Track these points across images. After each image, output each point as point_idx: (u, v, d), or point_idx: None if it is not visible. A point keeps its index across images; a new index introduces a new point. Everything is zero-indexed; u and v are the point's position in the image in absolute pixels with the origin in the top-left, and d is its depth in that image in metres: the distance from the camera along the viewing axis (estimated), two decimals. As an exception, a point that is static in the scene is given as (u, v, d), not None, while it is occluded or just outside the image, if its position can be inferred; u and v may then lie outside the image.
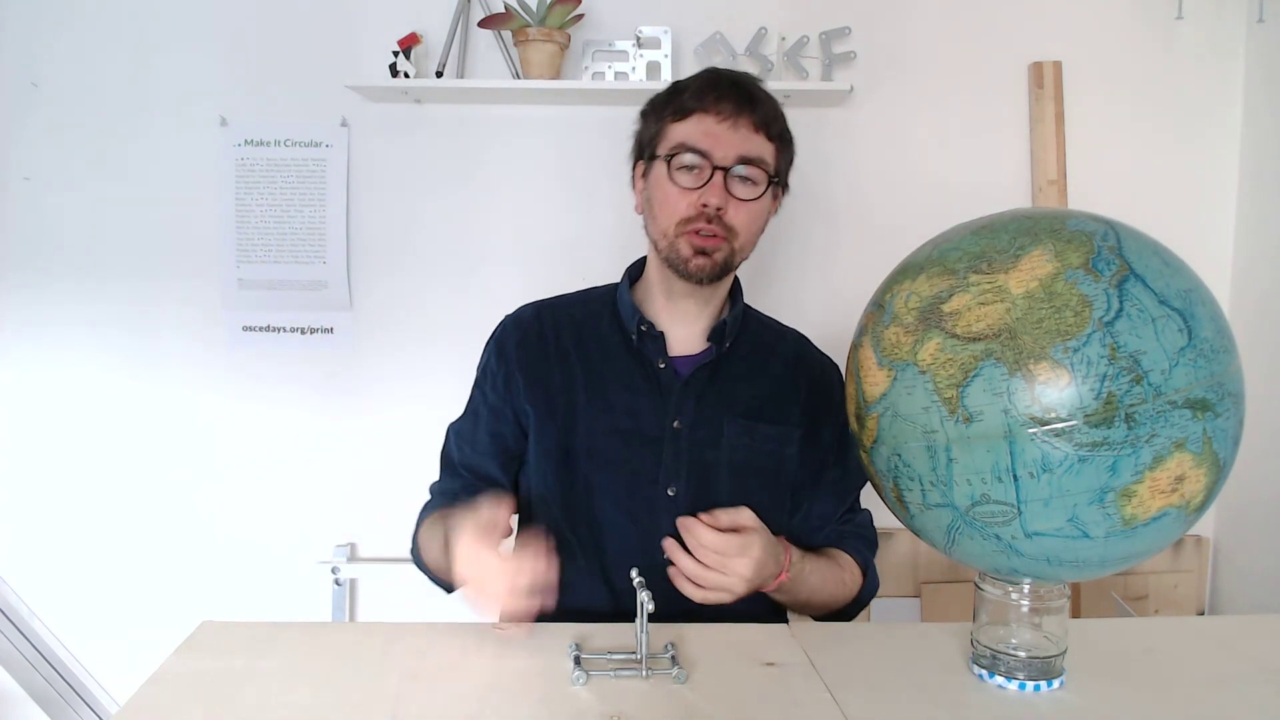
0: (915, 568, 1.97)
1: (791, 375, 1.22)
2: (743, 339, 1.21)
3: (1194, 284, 0.79)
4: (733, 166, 1.09)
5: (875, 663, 0.93)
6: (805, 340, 1.29)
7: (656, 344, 1.17)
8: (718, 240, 1.10)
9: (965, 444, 0.76)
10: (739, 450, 1.16)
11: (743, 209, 1.11)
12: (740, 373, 1.19)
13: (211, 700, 0.83)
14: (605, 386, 1.17)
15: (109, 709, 2.01)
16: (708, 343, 1.18)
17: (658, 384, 1.16)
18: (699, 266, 1.11)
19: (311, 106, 1.91)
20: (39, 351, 1.96)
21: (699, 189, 1.09)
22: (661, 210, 1.13)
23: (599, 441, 1.15)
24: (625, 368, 1.17)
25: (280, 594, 1.99)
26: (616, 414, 1.15)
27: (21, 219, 1.93)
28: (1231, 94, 1.94)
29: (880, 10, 1.90)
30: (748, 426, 1.16)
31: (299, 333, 1.96)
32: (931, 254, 0.85)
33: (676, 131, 1.11)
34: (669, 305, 1.18)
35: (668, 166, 1.11)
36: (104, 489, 1.98)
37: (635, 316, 1.17)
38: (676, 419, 1.15)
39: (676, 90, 1.14)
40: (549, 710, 0.82)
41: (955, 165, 1.93)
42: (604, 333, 1.20)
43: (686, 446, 1.14)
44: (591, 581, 1.14)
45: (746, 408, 1.17)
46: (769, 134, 1.11)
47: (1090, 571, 0.81)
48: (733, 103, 1.09)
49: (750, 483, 1.15)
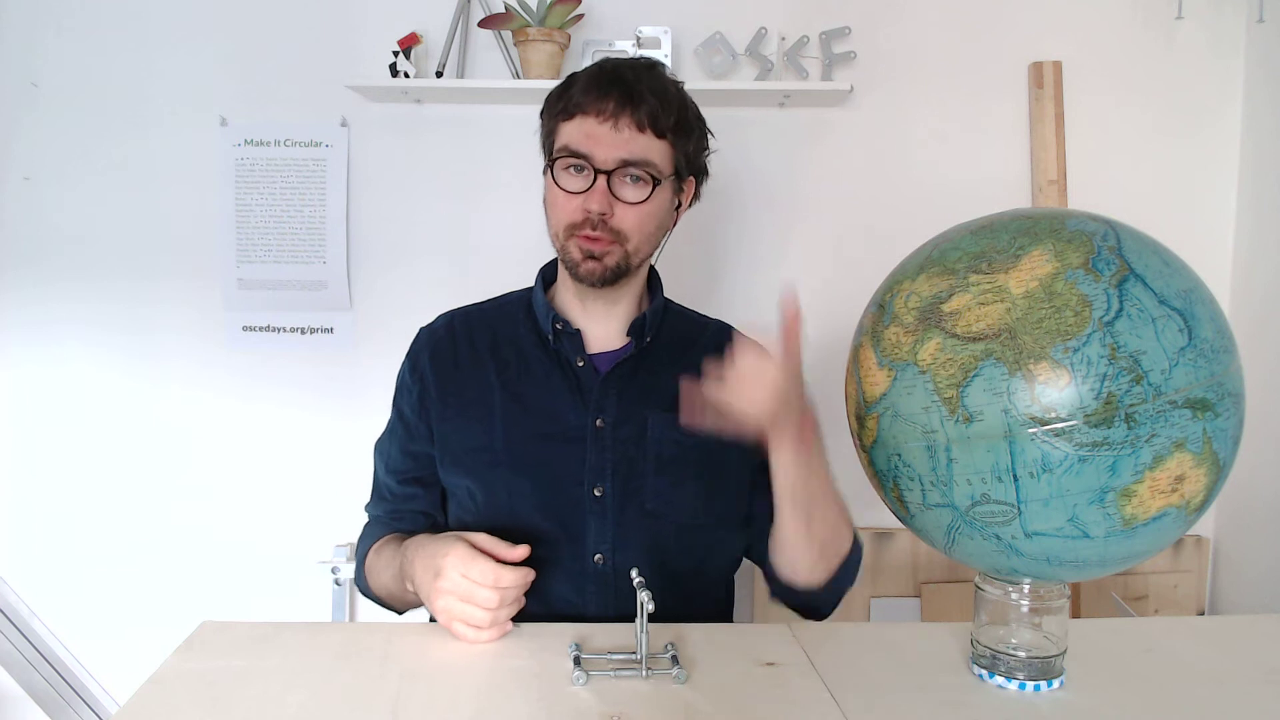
0: (915, 568, 1.97)
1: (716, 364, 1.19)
2: (663, 332, 1.18)
3: (1194, 284, 0.79)
4: (615, 170, 1.05)
5: (875, 663, 0.93)
6: (729, 329, 1.25)
7: (573, 342, 1.14)
8: (605, 244, 1.07)
9: (965, 444, 0.76)
10: (665, 444, 1.11)
11: (631, 211, 1.07)
12: (662, 366, 1.15)
13: (211, 700, 0.83)
14: (522, 390, 1.13)
15: (109, 709, 2.01)
16: (627, 337, 1.15)
17: (577, 382, 1.13)
18: (589, 271, 1.08)
19: (311, 106, 1.91)
20: (39, 351, 1.96)
21: (583, 193, 1.06)
22: (552, 213, 1.11)
23: (519, 446, 1.11)
24: (543, 369, 1.14)
25: (280, 594, 1.99)
26: (535, 417, 1.12)
27: (21, 219, 1.93)
28: (1231, 94, 1.94)
29: (880, 10, 1.90)
30: (673, 419, 1.09)
31: (299, 333, 1.96)
32: (931, 254, 0.85)
33: (563, 133, 1.08)
34: (580, 304, 1.16)
35: (553, 170, 1.08)
36: (104, 489, 1.98)
37: (550, 315, 1.14)
38: (599, 417, 1.11)
39: (568, 85, 1.10)
40: (549, 710, 0.82)
41: (955, 165, 1.93)
42: (519, 336, 1.17)
43: (610, 444, 1.11)
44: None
45: (671, 401, 1.10)
46: (656, 130, 1.06)
47: (1090, 571, 0.81)
48: (615, 100, 1.05)
49: (679, 475, 1.11)
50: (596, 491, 1.10)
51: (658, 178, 1.08)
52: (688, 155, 1.12)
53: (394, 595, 1.12)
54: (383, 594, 1.15)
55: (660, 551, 1.10)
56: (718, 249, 1.96)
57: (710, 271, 1.95)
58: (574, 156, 1.06)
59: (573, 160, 1.07)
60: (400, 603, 1.16)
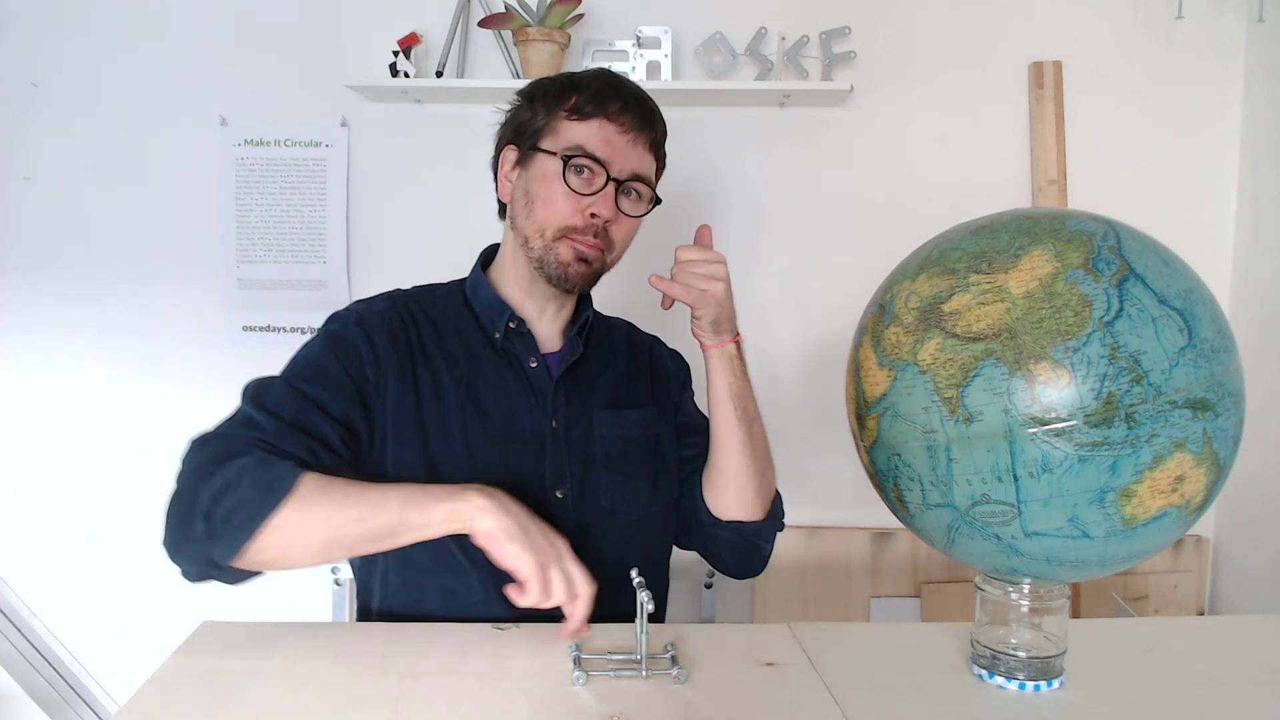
0: (915, 568, 1.97)
1: (633, 359, 1.23)
2: (592, 333, 1.21)
3: (1194, 284, 0.79)
4: (626, 181, 1.08)
5: (875, 663, 0.93)
6: (630, 325, 1.31)
7: (526, 343, 1.12)
8: (597, 250, 1.08)
9: (965, 444, 0.76)
10: (610, 441, 1.14)
11: (625, 224, 1.10)
12: (595, 366, 1.18)
13: (211, 700, 0.83)
14: (476, 389, 1.09)
15: (109, 709, 2.01)
16: (567, 338, 1.17)
17: (530, 384, 1.11)
18: (577, 274, 1.08)
19: (311, 106, 1.91)
20: (39, 351, 1.96)
21: (589, 196, 1.06)
22: (545, 209, 1.07)
23: (478, 448, 1.07)
24: (494, 368, 1.11)
25: (280, 594, 1.98)
26: (492, 418, 1.09)
27: (21, 219, 1.93)
28: (1231, 94, 1.94)
29: (880, 10, 1.90)
30: (615, 415, 1.15)
31: (299, 333, 1.96)
32: (931, 254, 0.85)
33: (574, 132, 1.07)
34: (529, 302, 1.14)
35: (563, 166, 1.06)
36: (104, 489, 1.98)
37: (505, 314, 1.12)
38: (554, 419, 1.11)
39: (572, 86, 1.09)
40: (549, 710, 0.82)
41: (955, 165, 1.93)
42: (463, 330, 1.13)
43: (565, 446, 1.11)
44: (487, 597, 1.04)
45: (610, 398, 1.17)
46: (655, 154, 1.12)
47: (1090, 571, 0.81)
48: (636, 117, 1.08)
49: (625, 470, 1.13)
50: (559, 494, 1.10)
51: (656, 197, 1.13)
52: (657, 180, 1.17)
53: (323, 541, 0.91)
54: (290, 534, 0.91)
55: (620, 549, 1.11)
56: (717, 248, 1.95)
57: (710, 271, 1.95)
58: (591, 159, 1.06)
59: (587, 163, 1.06)
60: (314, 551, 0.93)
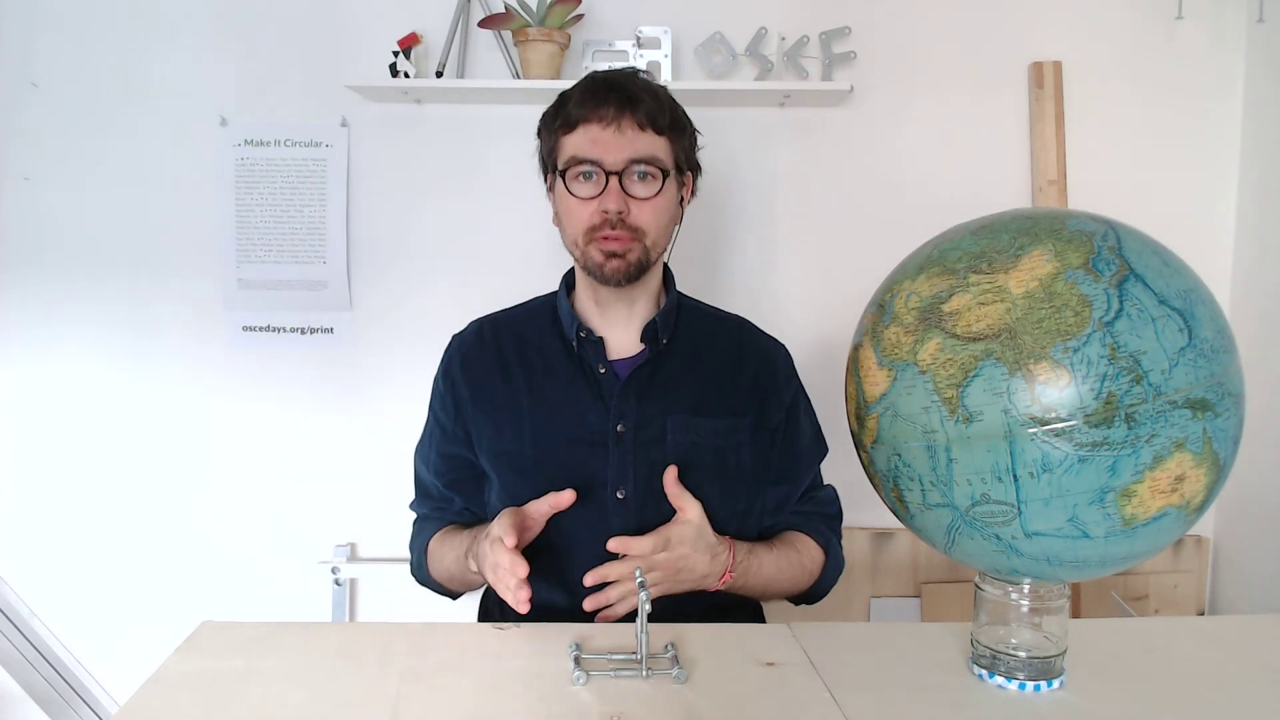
0: (915, 568, 1.97)
1: (733, 363, 1.23)
2: (679, 333, 1.22)
3: (1194, 284, 0.79)
4: (625, 169, 1.10)
5: (875, 663, 0.93)
6: (747, 325, 1.30)
7: (595, 349, 1.19)
8: (625, 242, 1.12)
9: (965, 444, 0.76)
10: (682, 446, 1.16)
11: (645, 207, 1.12)
12: (679, 368, 1.20)
13: (211, 700, 0.83)
14: (549, 395, 1.19)
15: (109, 709, 2.01)
16: (641, 343, 1.20)
17: (599, 389, 1.17)
18: (615, 269, 1.12)
19: (311, 106, 1.91)
20: (39, 351, 1.96)
21: (597, 196, 1.11)
22: (569, 222, 1.15)
23: (547, 449, 1.17)
24: (568, 375, 1.19)
25: (280, 594, 1.99)
26: (562, 421, 1.17)
27: (21, 219, 1.93)
28: (1231, 94, 1.94)
29: (880, 10, 1.90)
30: (691, 422, 1.17)
31: (299, 333, 1.96)
32: (931, 254, 0.85)
33: (568, 144, 1.13)
34: (600, 310, 1.21)
35: (564, 180, 1.13)
36: (104, 489, 1.98)
37: (574, 324, 1.19)
38: (619, 422, 1.16)
39: (562, 102, 1.15)
40: (549, 710, 0.82)
41: (955, 165, 1.93)
42: (546, 342, 1.22)
43: (631, 449, 1.15)
44: (551, 586, 1.13)
45: (689, 403, 1.18)
46: (656, 128, 1.12)
47: (1090, 571, 0.81)
48: (614, 106, 1.11)
49: (696, 477, 1.14)
50: (619, 494, 1.14)
51: (665, 170, 1.13)
52: (684, 150, 1.18)
53: (454, 578, 1.22)
54: (443, 578, 1.24)
55: None
56: (717, 248, 1.96)
57: (710, 271, 1.95)
58: (583, 163, 1.11)
59: (583, 167, 1.12)
60: (461, 584, 1.25)
